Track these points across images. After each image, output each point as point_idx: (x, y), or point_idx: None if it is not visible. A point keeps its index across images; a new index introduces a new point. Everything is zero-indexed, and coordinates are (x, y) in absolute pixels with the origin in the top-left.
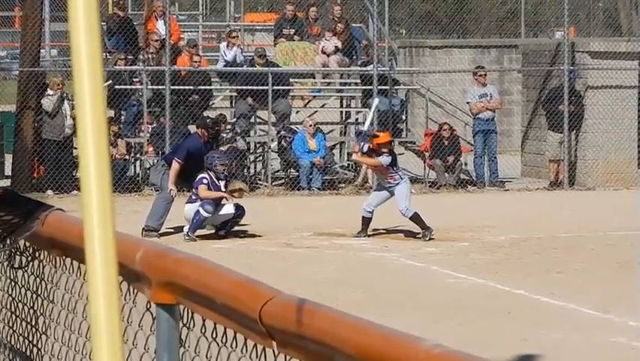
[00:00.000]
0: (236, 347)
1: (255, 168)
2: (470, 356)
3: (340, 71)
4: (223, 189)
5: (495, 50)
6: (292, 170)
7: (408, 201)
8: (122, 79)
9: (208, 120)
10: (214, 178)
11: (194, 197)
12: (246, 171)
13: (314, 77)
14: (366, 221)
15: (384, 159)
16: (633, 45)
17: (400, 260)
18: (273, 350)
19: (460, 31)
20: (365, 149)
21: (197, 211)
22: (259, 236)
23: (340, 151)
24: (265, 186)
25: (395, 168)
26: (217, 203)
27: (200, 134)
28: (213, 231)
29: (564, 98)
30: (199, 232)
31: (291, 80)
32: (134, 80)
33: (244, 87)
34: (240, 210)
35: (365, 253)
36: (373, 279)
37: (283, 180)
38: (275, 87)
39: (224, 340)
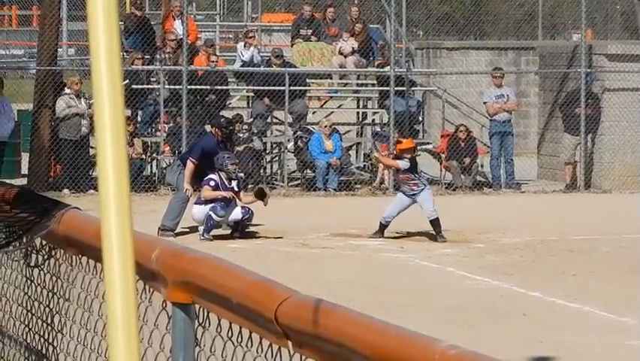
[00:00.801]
0: (251, 346)
1: (272, 168)
2: (485, 357)
3: (357, 72)
4: (236, 188)
5: (512, 51)
6: (308, 170)
7: (433, 204)
8: (139, 78)
9: (222, 120)
10: (224, 179)
11: (202, 198)
12: (262, 171)
13: (331, 78)
14: (382, 227)
15: (402, 163)
16: None
17: (415, 261)
18: (289, 350)
19: (477, 32)
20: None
21: (210, 216)
22: (277, 237)
23: (357, 152)
24: (281, 186)
25: (416, 175)
26: (227, 204)
27: (214, 134)
28: (229, 231)
29: (581, 101)
30: (215, 231)
31: (307, 80)
32: (151, 79)
33: (261, 87)
34: (247, 213)
35: (381, 253)
36: (389, 280)
37: (299, 181)
38: (292, 88)
39: (239, 339)
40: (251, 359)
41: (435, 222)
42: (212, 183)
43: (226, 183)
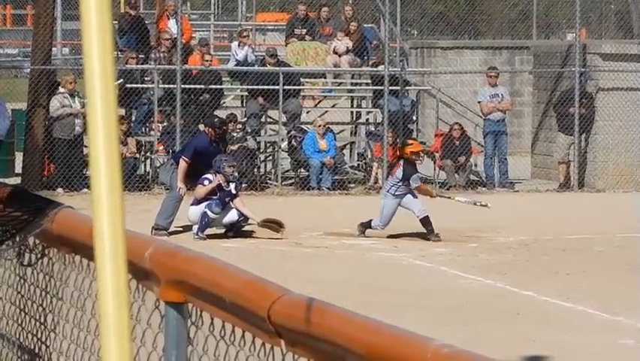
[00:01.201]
0: (244, 345)
1: (265, 167)
2: (478, 356)
3: (351, 71)
4: (234, 191)
5: (506, 51)
6: (302, 170)
7: (422, 204)
8: (134, 78)
9: (216, 120)
10: (221, 181)
11: (195, 197)
12: (255, 170)
13: (325, 77)
14: (367, 227)
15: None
16: None
17: (409, 260)
18: (282, 349)
19: (471, 32)
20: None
21: (205, 213)
22: (271, 236)
23: (350, 151)
24: (275, 185)
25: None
26: (224, 205)
27: (207, 133)
28: (223, 231)
29: (575, 100)
30: (208, 231)
31: (301, 80)
32: (145, 78)
33: (255, 87)
34: (243, 216)
35: (374, 253)
36: (382, 279)
37: (293, 180)
38: (286, 87)
39: (232, 338)
40: (243, 357)
41: (426, 221)
42: (205, 183)
43: (223, 185)
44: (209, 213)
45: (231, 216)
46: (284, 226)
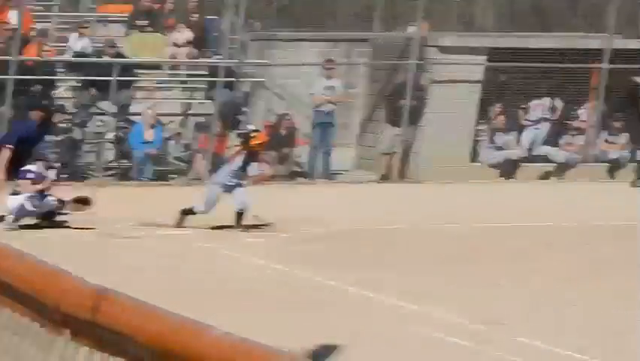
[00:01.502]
0: (28, 334)
1: (89, 158)
2: (261, 344)
3: (187, 62)
4: (54, 177)
5: (346, 43)
6: (125, 160)
7: (245, 198)
8: None
9: (42, 101)
10: (43, 167)
11: (17, 189)
12: (78, 160)
13: (161, 69)
14: (188, 213)
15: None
16: (483, 40)
17: (219, 251)
18: (65, 338)
19: (315, 24)
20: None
21: (22, 205)
22: (87, 228)
23: (176, 142)
24: (96, 176)
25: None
26: (42, 195)
27: (33, 118)
28: (37, 221)
29: (407, 92)
30: (21, 221)
31: (136, 71)
32: None
33: (87, 78)
34: (61, 203)
35: (187, 243)
36: (189, 269)
37: (115, 171)
38: (118, 78)
39: (17, 328)
40: (27, 347)
41: (240, 216)
42: (30, 176)
43: (43, 173)
44: (27, 205)
45: (49, 203)
46: (92, 202)
